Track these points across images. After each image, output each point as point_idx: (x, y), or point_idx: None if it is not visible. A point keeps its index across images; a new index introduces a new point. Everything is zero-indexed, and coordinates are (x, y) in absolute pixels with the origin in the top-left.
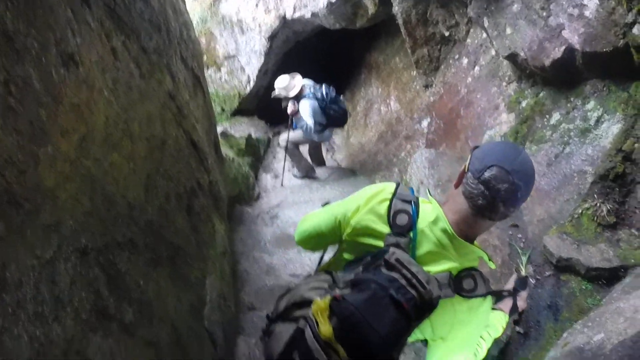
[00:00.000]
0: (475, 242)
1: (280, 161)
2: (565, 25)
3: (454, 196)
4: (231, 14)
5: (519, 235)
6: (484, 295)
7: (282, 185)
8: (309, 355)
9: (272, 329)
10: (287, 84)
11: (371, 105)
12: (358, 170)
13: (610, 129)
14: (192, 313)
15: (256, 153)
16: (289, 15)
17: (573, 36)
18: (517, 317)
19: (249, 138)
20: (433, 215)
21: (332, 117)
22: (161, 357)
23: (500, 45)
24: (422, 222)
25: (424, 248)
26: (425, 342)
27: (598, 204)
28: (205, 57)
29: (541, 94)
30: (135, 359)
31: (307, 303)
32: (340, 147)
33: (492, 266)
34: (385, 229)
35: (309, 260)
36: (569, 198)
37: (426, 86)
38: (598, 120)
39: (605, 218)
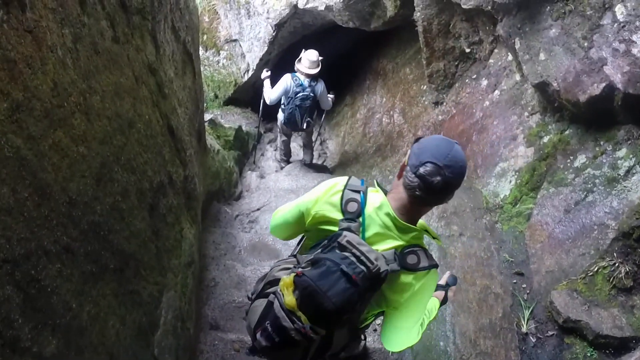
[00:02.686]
0: (420, 220)
1: (268, 159)
2: (608, 60)
3: (397, 186)
4: None
5: (524, 285)
6: (427, 269)
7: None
8: (278, 322)
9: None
10: (316, 60)
11: (372, 114)
12: None
13: None
14: (139, 339)
15: (244, 147)
16: (301, 4)
17: (616, 74)
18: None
19: (238, 130)
20: (378, 201)
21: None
22: None
23: (531, 70)
24: (370, 208)
25: (371, 230)
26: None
27: (617, 264)
28: (205, 37)
29: (567, 132)
30: None
31: (277, 281)
32: (333, 153)
33: (439, 243)
34: (339, 216)
35: None
36: (584, 252)
37: (436, 103)
38: (629, 171)
39: (622, 280)
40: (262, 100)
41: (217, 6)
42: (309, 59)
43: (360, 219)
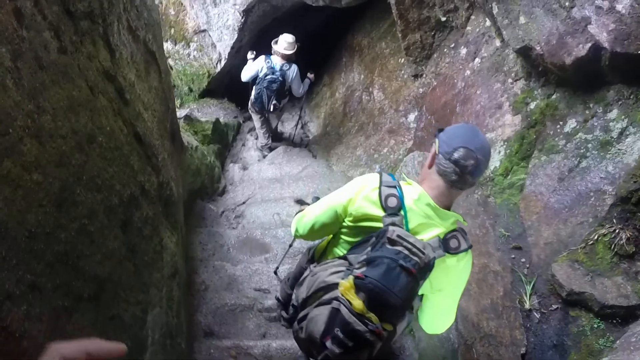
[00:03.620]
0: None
1: (249, 149)
2: (592, 19)
3: (430, 175)
4: None
5: (522, 260)
6: (467, 250)
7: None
8: (349, 327)
9: (305, 314)
10: (292, 41)
11: (352, 92)
12: (334, 165)
13: (636, 144)
14: None
15: (224, 140)
16: None
17: (601, 32)
18: None
19: (216, 123)
20: (416, 194)
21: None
22: None
23: (512, 36)
24: (409, 201)
25: (414, 222)
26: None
27: (617, 230)
28: (172, 31)
29: (554, 96)
30: None
31: (331, 287)
32: (315, 136)
33: (465, 224)
34: (380, 212)
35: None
36: (582, 220)
37: (415, 76)
38: (622, 133)
39: (624, 247)
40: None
41: None
42: (285, 40)
43: (402, 212)
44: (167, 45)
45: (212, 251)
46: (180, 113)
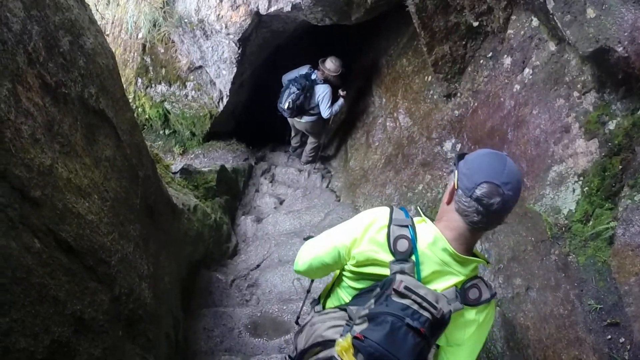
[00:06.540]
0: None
1: (264, 195)
2: None
3: (448, 213)
4: (190, 12)
5: (621, 340)
6: (489, 300)
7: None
8: None
9: None
10: (338, 65)
11: (374, 119)
12: (361, 207)
13: None
14: None
15: (233, 189)
16: (263, 10)
17: None
18: None
19: (221, 171)
20: (431, 236)
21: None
22: None
23: (579, 36)
24: (422, 244)
25: (427, 269)
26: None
27: None
28: (164, 71)
29: None
30: None
31: (328, 343)
32: (337, 172)
33: (489, 266)
34: (388, 257)
35: None
36: None
37: (448, 95)
38: None
39: None
40: None
41: (171, 33)
42: (331, 61)
43: (413, 258)
44: (162, 88)
45: (220, 338)
46: (178, 166)
